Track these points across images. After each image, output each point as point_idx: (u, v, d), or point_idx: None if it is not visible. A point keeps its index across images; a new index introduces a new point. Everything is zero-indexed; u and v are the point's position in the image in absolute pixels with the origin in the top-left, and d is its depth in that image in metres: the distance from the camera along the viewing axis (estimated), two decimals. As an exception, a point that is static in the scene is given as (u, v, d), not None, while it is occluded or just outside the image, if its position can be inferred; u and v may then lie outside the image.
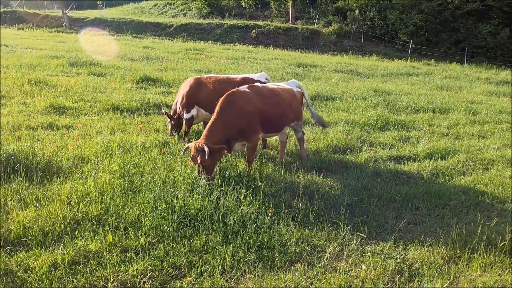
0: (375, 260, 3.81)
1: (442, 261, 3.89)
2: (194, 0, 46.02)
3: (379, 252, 3.96)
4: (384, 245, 4.13)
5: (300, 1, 41.06)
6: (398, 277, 3.63)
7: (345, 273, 3.61)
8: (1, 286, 3.23)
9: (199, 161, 4.96)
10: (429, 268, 3.76)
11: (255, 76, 6.99)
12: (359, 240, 4.21)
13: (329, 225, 4.46)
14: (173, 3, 49.29)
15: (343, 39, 35.16)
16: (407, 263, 3.85)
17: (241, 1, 43.94)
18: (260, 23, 38.21)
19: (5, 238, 3.82)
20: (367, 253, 3.92)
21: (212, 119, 5.32)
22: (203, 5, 44.04)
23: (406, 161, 6.84)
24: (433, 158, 6.91)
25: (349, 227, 4.41)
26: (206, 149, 4.87)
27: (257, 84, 5.91)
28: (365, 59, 28.41)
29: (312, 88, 12.57)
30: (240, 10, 43.86)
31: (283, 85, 6.34)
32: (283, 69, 18.10)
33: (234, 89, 5.57)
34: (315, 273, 3.61)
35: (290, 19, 39.71)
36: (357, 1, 37.35)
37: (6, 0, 53.01)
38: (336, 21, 36.33)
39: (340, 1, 38.75)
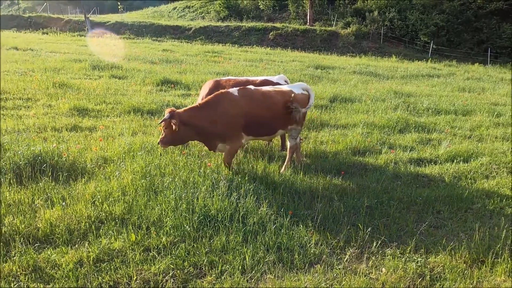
0: (396, 263, 3.78)
1: (464, 265, 3.83)
2: (213, 3, 46.45)
3: (399, 255, 3.93)
4: (405, 248, 4.09)
5: (318, 3, 40.90)
6: (419, 280, 3.60)
7: (365, 276, 3.60)
8: (31, 282, 3.36)
9: (162, 124, 5.26)
10: (451, 272, 3.71)
11: (274, 79, 7.02)
12: (379, 242, 4.19)
13: (348, 227, 4.45)
14: (192, 6, 49.86)
15: (362, 40, 34.86)
16: (429, 266, 3.81)
17: (259, 4, 44.10)
18: (277, 25, 38.27)
19: (33, 235, 3.96)
20: (387, 256, 3.90)
21: (195, 105, 5.50)
22: (221, 8, 44.40)
23: (427, 164, 6.75)
24: (455, 161, 6.79)
25: (369, 229, 4.39)
26: (167, 115, 5.16)
27: (250, 87, 5.80)
28: (384, 61, 28.09)
29: (330, 90, 12.51)
30: (258, 12, 44.01)
31: (285, 87, 6.12)
32: (301, 71, 18.07)
33: (224, 90, 5.63)
34: (334, 275, 3.61)
35: (308, 21, 39.61)
36: (377, 2, 37.00)
37: (32, 2, 54.59)
38: (354, 23, 36.06)
39: (359, 2, 38.45)
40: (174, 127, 5.16)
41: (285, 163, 6.14)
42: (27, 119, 7.95)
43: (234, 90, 5.57)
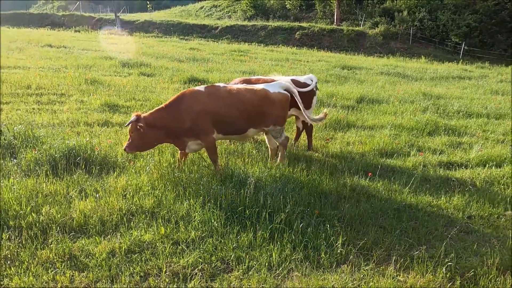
0: (425, 267, 3.72)
1: (497, 272, 3.73)
2: (239, 2, 46.70)
3: (428, 258, 3.87)
4: (434, 252, 4.02)
5: (346, 2, 40.45)
6: (449, 285, 3.53)
7: (393, 278, 3.56)
8: (67, 269, 3.50)
9: (129, 128, 5.22)
10: (482, 278, 3.63)
11: (301, 78, 6.98)
12: (407, 245, 4.14)
13: (375, 229, 4.41)
14: (219, 5, 50.29)
15: (390, 40, 34.27)
16: (459, 271, 3.73)
17: (286, 3, 44.01)
18: (304, 24, 38.10)
19: (68, 225, 4.12)
20: (415, 258, 3.84)
21: (161, 106, 5.43)
22: (248, 7, 44.58)
23: (457, 168, 6.59)
24: (487, 165, 6.60)
25: (397, 232, 4.34)
26: (133, 118, 5.08)
27: (219, 84, 5.72)
28: (413, 62, 27.50)
29: (357, 91, 12.38)
30: (285, 11, 43.94)
31: (259, 86, 5.84)
32: (327, 71, 17.94)
33: (190, 88, 5.57)
34: (362, 275, 3.60)
35: (335, 21, 39.25)
36: (406, 2, 36.25)
37: (65, 2, 56.39)
38: (383, 22, 35.48)
39: (388, 2, 37.78)
40: (141, 130, 5.08)
41: (278, 159, 6.05)
42: (61, 113, 8.24)
43: (201, 87, 5.49)
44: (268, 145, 6.24)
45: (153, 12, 51.97)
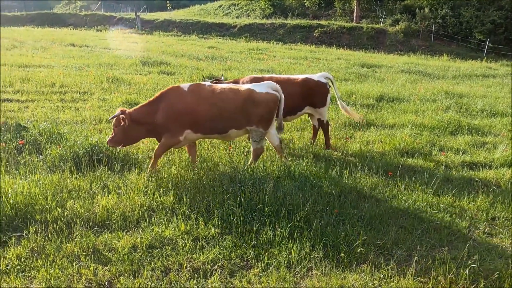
0: (447, 268, 3.66)
1: (522, 275, 3.64)
2: (258, 0, 46.67)
3: (451, 260, 3.80)
4: (456, 253, 3.95)
5: (366, 0, 39.93)
6: (472, 287, 3.46)
7: (414, 279, 3.52)
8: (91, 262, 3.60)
9: (113, 122, 5.34)
10: (507, 280, 3.54)
11: (315, 77, 6.93)
12: (428, 246, 4.07)
13: (396, 229, 4.36)
14: (237, 4, 50.38)
15: (411, 38, 33.67)
16: (482, 273, 3.65)
17: (305, 1, 43.73)
18: (323, 22, 37.81)
19: (92, 220, 4.23)
20: (437, 260, 3.78)
21: (145, 102, 5.51)
22: (266, 6, 44.53)
23: (480, 168, 6.44)
24: (512, 166, 6.42)
25: (418, 232, 4.28)
26: (118, 112, 5.24)
27: (204, 83, 5.66)
28: (435, 59, 26.96)
29: (377, 89, 12.22)
30: (303, 9, 43.69)
31: (245, 86, 5.67)
32: (347, 69, 17.78)
33: (176, 85, 5.56)
34: (382, 275, 3.56)
35: (354, 18, 38.81)
36: (428, -2, 35.53)
37: (87, 2, 57.54)
38: (404, 20, 34.88)
39: (408, -1, 37.12)
40: (122, 123, 5.21)
41: (249, 162, 5.82)
42: (83, 111, 8.44)
43: (185, 86, 5.46)
44: (270, 143, 5.94)
45: (172, 11, 52.51)
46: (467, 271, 3.61)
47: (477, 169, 6.43)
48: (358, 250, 3.85)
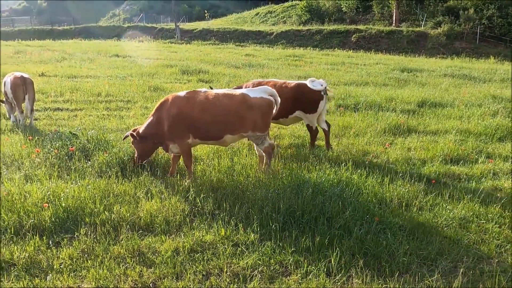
0: (496, 281, 3.50)
1: None
2: (294, 7, 46.73)
3: (500, 272, 3.63)
4: (506, 266, 3.76)
5: (406, 2, 38.91)
6: (524, 302, 3.29)
7: (460, 291, 3.39)
8: (135, 264, 3.76)
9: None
10: None
11: (309, 83, 6.89)
12: (476, 258, 3.91)
13: (440, 239, 4.22)
14: (274, 11, 50.68)
15: (454, 40, 32.41)
16: (536, 288, 3.46)
17: (342, 6, 43.27)
18: (361, 27, 37.22)
19: (137, 223, 4.41)
20: (486, 272, 3.62)
21: (148, 117, 5.77)
22: (303, 12, 44.46)
23: (532, 176, 6.09)
24: None
25: (464, 243, 4.12)
26: (128, 133, 5.71)
27: (201, 89, 5.69)
28: (481, 62, 25.78)
29: (418, 94, 11.88)
30: (340, 15, 43.22)
31: (239, 91, 5.69)
32: (386, 74, 17.40)
33: (173, 94, 5.69)
34: (426, 286, 3.46)
35: (393, 22, 37.91)
36: (472, -1, 34.10)
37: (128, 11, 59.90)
38: (446, 22, 33.64)
39: (451, 0, 35.78)
40: (132, 140, 5.68)
41: (263, 167, 5.85)
42: (127, 119, 8.81)
43: (182, 93, 5.61)
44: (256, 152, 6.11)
45: (210, 21, 53.65)
46: (518, 285, 3.43)
47: (528, 177, 6.08)
48: (400, 260, 3.77)
